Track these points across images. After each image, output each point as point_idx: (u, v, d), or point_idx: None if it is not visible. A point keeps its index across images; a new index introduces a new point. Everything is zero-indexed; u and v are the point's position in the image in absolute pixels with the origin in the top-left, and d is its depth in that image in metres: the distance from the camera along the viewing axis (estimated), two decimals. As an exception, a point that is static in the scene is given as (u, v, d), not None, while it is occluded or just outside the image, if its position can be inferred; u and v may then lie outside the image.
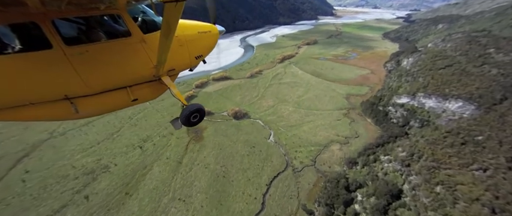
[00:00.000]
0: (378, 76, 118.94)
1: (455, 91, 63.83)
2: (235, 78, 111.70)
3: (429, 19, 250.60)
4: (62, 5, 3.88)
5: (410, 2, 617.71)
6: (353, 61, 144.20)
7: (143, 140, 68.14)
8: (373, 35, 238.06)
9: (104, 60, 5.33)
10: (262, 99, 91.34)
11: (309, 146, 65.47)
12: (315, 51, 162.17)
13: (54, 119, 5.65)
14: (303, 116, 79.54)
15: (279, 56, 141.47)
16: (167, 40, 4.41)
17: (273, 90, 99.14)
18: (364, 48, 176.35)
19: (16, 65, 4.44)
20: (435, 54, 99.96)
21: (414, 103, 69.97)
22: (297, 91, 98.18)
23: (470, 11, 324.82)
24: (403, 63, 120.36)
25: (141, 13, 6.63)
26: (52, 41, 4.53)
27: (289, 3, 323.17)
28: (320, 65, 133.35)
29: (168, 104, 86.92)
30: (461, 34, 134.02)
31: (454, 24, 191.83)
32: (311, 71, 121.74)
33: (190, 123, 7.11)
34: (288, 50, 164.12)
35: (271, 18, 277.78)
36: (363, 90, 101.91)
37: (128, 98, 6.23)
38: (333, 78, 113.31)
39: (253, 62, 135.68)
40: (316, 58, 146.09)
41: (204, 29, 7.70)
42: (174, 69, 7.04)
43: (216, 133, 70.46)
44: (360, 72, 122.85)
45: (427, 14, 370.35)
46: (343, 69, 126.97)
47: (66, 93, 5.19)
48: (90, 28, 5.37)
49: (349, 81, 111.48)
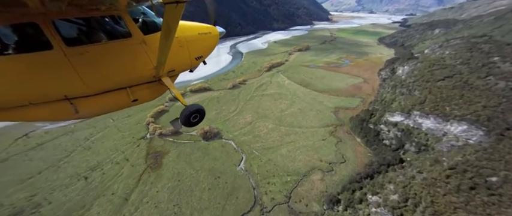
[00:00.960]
0: (371, 85, 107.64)
1: (457, 110, 52.43)
2: (215, 90, 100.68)
3: (425, 24, 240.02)
4: (63, 6, 3.81)
5: (406, 7, 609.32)
6: (345, 69, 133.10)
7: (92, 168, 56.83)
8: (368, 40, 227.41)
9: (104, 61, 5.16)
10: (240, 114, 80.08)
11: (284, 175, 53.93)
12: (306, 58, 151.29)
13: (54, 119, 5.50)
14: (283, 136, 68.09)
15: (267, 63, 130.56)
16: (167, 41, 4.32)
17: (254, 103, 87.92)
18: (358, 55, 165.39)
19: (16, 65, 4.32)
20: (432, 63, 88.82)
21: (409, 123, 58.57)
22: (281, 104, 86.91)
23: (466, 15, 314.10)
24: (398, 71, 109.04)
25: (142, 14, 6.36)
26: (52, 42, 4.41)
27: (284, 9, 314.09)
28: (310, 73, 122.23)
29: (133, 122, 75.84)
30: (460, 40, 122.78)
31: (451, 29, 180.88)
32: (299, 81, 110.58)
33: (190, 123, 6.94)
34: (278, 57, 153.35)
35: (264, 24, 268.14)
36: (354, 102, 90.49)
37: (128, 98, 6.05)
38: (322, 89, 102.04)
39: (238, 70, 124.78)
40: (307, 66, 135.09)
41: (204, 30, 7.53)
42: (174, 70, 6.88)
43: (179, 159, 59.09)
44: (352, 81, 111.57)
45: (423, 19, 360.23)
46: (334, 78, 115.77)
47: (66, 94, 5.05)
48: (91, 29, 5.18)
49: (339, 91, 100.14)
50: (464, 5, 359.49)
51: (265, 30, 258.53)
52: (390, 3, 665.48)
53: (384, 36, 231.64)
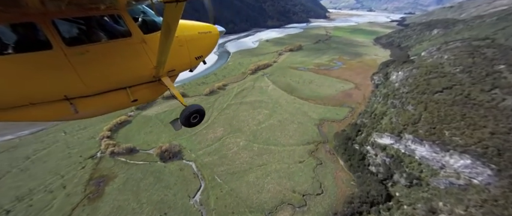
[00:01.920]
0: (362, 92, 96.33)
1: (458, 137, 41.46)
2: (190, 96, 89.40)
3: (423, 23, 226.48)
4: (62, 5, 3.74)
5: (405, 5, 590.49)
6: (337, 72, 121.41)
7: (20, 197, 46.24)
8: (364, 40, 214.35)
9: (104, 60, 5.00)
10: (211, 127, 69.15)
11: (246, 212, 43.48)
12: (296, 59, 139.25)
13: (54, 119, 5.34)
14: (254, 156, 57.42)
15: (253, 65, 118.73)
16: (167, 40, 4.21)
17: (229, 113, 76.86)
18: (351, 56, 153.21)
19: (16, 65, 4.20)
20: (429, 70, 77.44)
21: (400, 147, 47.87)
22: (259, 115, 75.92)
23: (466, 15, 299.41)
24: (392, 76, 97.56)
25: (142, 13, 6.14)
26: (52, 42, 4.29)
27: (280, 6, 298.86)
28: (297, 77, 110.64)
29: (86, 136, 64.91)
30: (460, 43, 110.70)
31: (450, 30, 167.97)
32: (284, 86, 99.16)
33: (190, 124, 6.68)
34: (267, 57, 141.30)
35: (259, 21, 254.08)
36: (342, 112, 79.46)
37: (128, 98, 5.84)
38: (308, 96, 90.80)
39: (221, 73, 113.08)
40: (295, 68, 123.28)
41: (204, 30, 7.26)
42: (174, 69, 6.64)
43: (125, 187, 48.46)
44: (342, 87, 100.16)
45: (421, 18, 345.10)
46: (323, 83, 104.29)
47: (66, 94, 4.89)
48: (91, 28, 5.00)
49: (327, 99, 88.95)
50: (464, 4, 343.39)
51: (259, 28, 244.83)
52: (389, 1, 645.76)
53: (380, 36, 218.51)
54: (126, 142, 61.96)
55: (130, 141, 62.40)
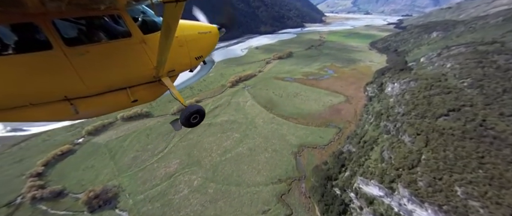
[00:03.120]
0: (353, 106, 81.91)
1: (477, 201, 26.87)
2: (155, 115, 76.39)
3: (421, 26, 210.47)
4: (62, 6, 3.61)
5: (402, 8, 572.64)
6: (327, 82, 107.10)
7: None
8: (359, 45, 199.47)
9: (104, 61, 4.84)
10: (166, 158, 55.76)
11: None
12: (283, 68, 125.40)
13: (54, 119, 5.20)
14: (206, 203, 43.60)
15: (234, 76, 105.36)
16: (167, 41, 4.10)
17: (193, 138, 63.38)
18: (344, 63, 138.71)
19: (16, 65, 4.07)
20: (430, 83, 62.79)
21: (392, 203, 33.51)
22: (227, 140, 62.24)
23: (465, 15, 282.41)
24: (387, 88, 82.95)
25: (141, 13, 5.93)
26: (52, 42, 4.16)
27: (274, 11, 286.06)
28: (282, 89, 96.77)
29: (16, 173, 52.12)
30: (464, 47, 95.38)
31: (450, 32, 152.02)
32: (265, 101, 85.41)
33: (190, 124, 6.44)
34: (252, 66, 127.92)
35: (251, 28, 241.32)
36: (327, 135, 65.18)
37: (128, 99, 5.66)
38: (290, 113, 76.80)
39: (198, 86, 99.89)
40: (281, 78, 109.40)
41: (204, 30, 7.07)
42: (174, 70, 6.43)
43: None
44: (330, 101, 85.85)
45: (418, 20, 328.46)
46: (309, 96, 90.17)
47: (66, 94, 4.75)
48: (91, 29, 4.86)
49: (311, 117, 74.81)
50: (462, 4, 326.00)
51: (251, 34, 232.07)
52: (386, 4, 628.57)
53: (376, 40, 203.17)
54: (57, 182, 48.97)
55: (63, 181, 49.39)
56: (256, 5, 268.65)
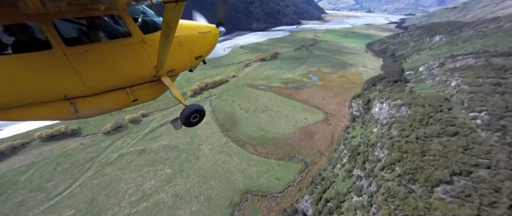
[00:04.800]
0: (331, 129, 63.62)
1: None
2: (82, 135, 59.44)
3: (423, 27, 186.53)
4: (62, 6, 3.53)
5: (406, 6, 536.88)
6: (308, 92, 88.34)
7: None
8: (355, 45, 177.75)
9: (104, 60, 4.67)
10: (60, 205, 38.72)
11: None
12: (262, 73, 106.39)
13: (54, 119, 4.99)
14: None
15: (199, 84, 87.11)
16: (167, 40, 3.97)
17: (110, 173, 46.39)
18: (334, 67, 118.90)
19: (16, 65, 3.95)
20: (428, 113, 43.69)
21: None
22: (154, 178, 45.13)
23: (471, 16, 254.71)
24: (374, 108, 64.15)
25: (142, 13, 5.69)
26: (52, 42, 4.04)
27: (269, 7, 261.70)
28: (252, 100, 78.58)
29: None
30: (474, 58, 74.94)
31: (455, 36, 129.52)
32: (226, 117, 67.64)
33: (191, 123, 6.23)
34: (229, 69, 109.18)
35: (242, 24, 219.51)
36: (287, 174, 47.63)
37: (128, 98, 5.48)
38: (249, 137, 59.15)
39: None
40: (256, 86, 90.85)
41: (204, 30, 6.80)
42: (174, 69, 6.18)
43: None
44: (305, 120, 67.68)
45: (421, 20, 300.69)
46: (281, 112, 72.01)
47: (65, 94, 4.59)
48: (90, 28, 4.67)
49: (275, 143, 57.15)
50: (468, 4, 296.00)
51: (242, 31, 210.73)
52: (389, 2, 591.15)
53: (373, 42, 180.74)
54: None
55: None
56: (249, 0, 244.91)
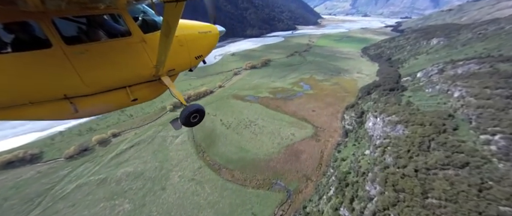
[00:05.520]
0: (320, 147, 55.72)
1: None
2: (42, 160, 52.14)
3: (420, 30, 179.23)
4: (62, 4, 3.43)
5: (401, 10, 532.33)
6: (297, 102, 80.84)
7: None
8: (350, 50, 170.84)
9: (103, 59, 4.50)
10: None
11: None
12: (251, 82, 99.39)
13: (54, 118, 4.79)
14: None
15: (182, 95, 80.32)
16: (167, 40, 3.90)
17: (60, 211, 38.99)
18: (327, 74, 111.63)
19: (15, 64, 3.84)
20: (428, 135, 35.96)
21: None
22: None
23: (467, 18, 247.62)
24: (368, 122, 56.54)
25: (142, 13, 5.55)
26: (52, 40, 3.93)
27: (264, 13, 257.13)
28: (235, 114, 71.26)
29: None
30: (477, 64, 67.04)
31: (454, 39, 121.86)
32: (204, 134, 60.16)
33: (190, 123, 6.04)
34: (216, 79, 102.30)
35: (237, 31, 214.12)
36: (266, 208, 39.67)
37: (128, 98, 5.26)
38: (227, 159, 51.54)
39: (132, 109, 75.03)
40: (242, 98, 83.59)
41: (204, 29, 6.57)
42: (174, 69, 5.99)
43: None
44: (292, 136, 59.98)
45: (417, 23, 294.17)
46: (266, 127, 64.47)
47: (65, 93, 4.43)
48: (90, 27, 4.54)
49: (255, 167, 49.38)
50: (464, 6, 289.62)
51: (236, 38, 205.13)
52: (385, 6, 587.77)
53: (369, 46, 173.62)
54: None
55: None
56: (244, 7, 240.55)
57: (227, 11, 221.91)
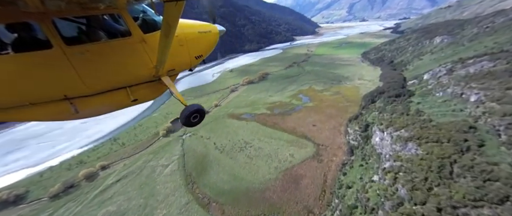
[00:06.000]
0: (323, 169, 48.74)
1: None
2: (26, 201, 48.20)
3: (420, 30, 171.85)
4: (62, 5, 3.44)
5: (399, 11, 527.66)
6: (296, 117, 74.82)
7: None
8: (350, 56, 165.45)
9: (104, 60, 4.45)
10: None
11: None
12: (247, 98, 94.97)
13: (54, 119, 4.71)
14: None
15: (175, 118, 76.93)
16: (167, 40, 3.86)
17: None
18: (327, 83, 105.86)
19: (16, 64, 3.80)
20: (448, 153, 29.47)
21: None
22: None
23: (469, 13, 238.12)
24: (374, 138, 49.41)
25: (142, 13, 5.44)
26: (52, 41, 3.89)
27: (261, 28, 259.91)
28: (231, 135, 66.07)
29: None
30: (490, 60, 59.28)
31: (459, 36, 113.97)
32: (195, 161, 54.96)
33: (191, 123, 5.86)
34: (213, 97, 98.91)
35: (235, 47, 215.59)
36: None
37: (128, 98, 5.19)
38: (218, 190, 45.64)
39: (126, 137, 71.74)
40: (238, 116, 78.74)
41: (204, 29, 6.42)
42: (174, 69, 5.89)
43: None
44: (290, 158, 53.48)
45: (417, 22, 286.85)
46: (263, 148, 58.49)
47: (65, 94, 4.38)
48: (90, 28, 4.49)
49: (248, 199, 42.92)
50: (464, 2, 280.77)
51: (235, 54, 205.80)
52: (382, 9, 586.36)
53: (369, 50, 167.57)
54: None
55: None
56: (241, 24, 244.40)
57: (226, 29, 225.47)
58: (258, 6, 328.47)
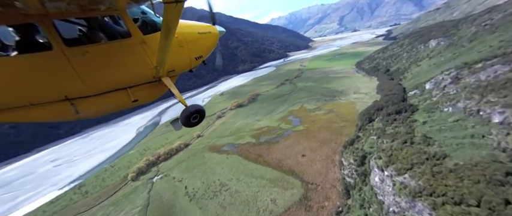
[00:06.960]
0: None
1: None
2: None
3: (413, 34, 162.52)
4: (62, 6, 3.41)
5: (389, 19, 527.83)
6: (283, 146, 63.42)
7: None
8: (343, 68, 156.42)
9: (104, 61, 4.40)
10: None
11: None
12: (233, 125, 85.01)
13: (55, 119, 4.63)
14: None
15: (147, 158, 66.54)
16: (167, 41, 3.81)
17: None
18: (320, 100, 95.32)
19: (16, 66, 3.77)
20: None
21: None
22: None
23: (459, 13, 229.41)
24: (373, 177, 37.24)
25: (141, 14, 5.35)
26: (52, 42, 3.85)
27: (254, 47, 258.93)
28: (206, 176, 55.02)
29: None
30: (503, 64, 47.77)
31: (455, 37, 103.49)
32: (158, 215, 44.28)
33: (191, 123, 5.69)
34: (197, 127, 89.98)
35: (228, 69, 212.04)
36: None
37: (128, 99, 5.07)
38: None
39: (92, 182, 61.71)
40: (218, 149, 68.01)
41: (204, 30, 6.29)
42: (175, 70, 5.75)
43: None
44: (274, 203, 41.47)
45: (408, 27, 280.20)
46: (241, 191, 46.89)
47: (66, 94, 4.32)
48: (91, 29, 4.47)
49: None
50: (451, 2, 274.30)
51: (228, 75, 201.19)
52: (371, 18, 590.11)
53: (362, 60, 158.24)
54: None
55: None
56: (234, 46, 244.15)
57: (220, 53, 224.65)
58: (251, 28, 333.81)
